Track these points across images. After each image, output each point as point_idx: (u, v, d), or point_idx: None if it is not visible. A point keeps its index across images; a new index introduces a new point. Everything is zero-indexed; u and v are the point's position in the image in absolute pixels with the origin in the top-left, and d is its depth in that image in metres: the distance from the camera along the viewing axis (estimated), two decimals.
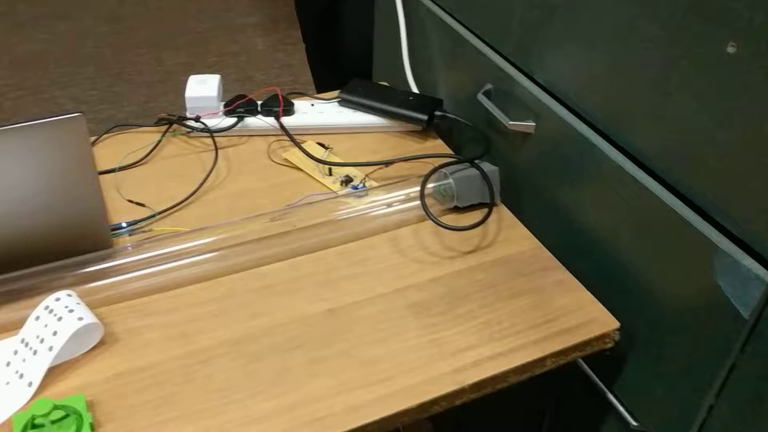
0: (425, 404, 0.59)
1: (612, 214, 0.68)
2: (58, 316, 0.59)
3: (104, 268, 0.66)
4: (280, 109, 0.87)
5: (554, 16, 0.70)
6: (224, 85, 0.91)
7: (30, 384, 0.57)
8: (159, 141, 0.86)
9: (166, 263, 0.68)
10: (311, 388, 0.59)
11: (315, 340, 0.63)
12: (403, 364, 0.61)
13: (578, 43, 0.68)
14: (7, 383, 0.58)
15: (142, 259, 0.68)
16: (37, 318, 0.60)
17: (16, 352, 0.59)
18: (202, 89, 0.86)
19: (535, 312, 0.67)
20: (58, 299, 0.60)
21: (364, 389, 0.59)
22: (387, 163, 0.81)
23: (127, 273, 0.67)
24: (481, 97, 0.82)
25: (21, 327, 0.61)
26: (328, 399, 0.58)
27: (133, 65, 2.48)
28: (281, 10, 2.88)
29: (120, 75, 2.43)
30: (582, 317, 0.67)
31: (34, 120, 0.57)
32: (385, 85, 0.94)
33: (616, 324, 0.66)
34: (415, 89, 0.97)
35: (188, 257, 0.69)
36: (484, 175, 0.77)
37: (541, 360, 0.63)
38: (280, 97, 0.87)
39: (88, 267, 0.66)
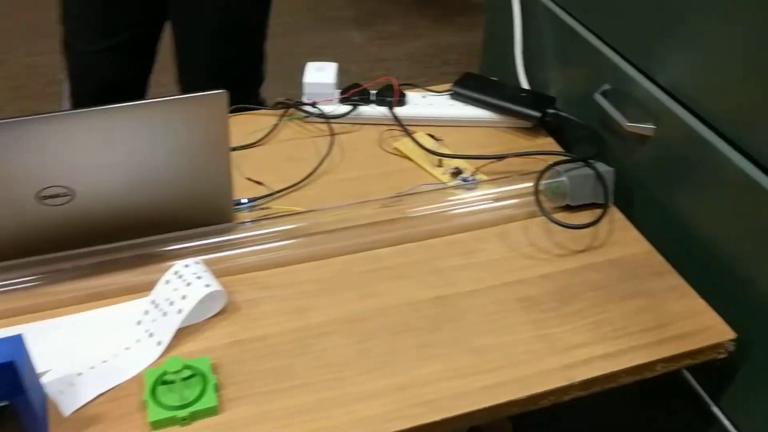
0: (534, 397, 0.59)
1: (735, 222, 0.66)
2: (187, 282, 0.62)
3: (227, 240, 0.69)
4: (394, 99, 0.88)
5: (681, 13, 0.69)
6: None
7: (159, 343, 0.61)
8: (276, 124, 0.89)
9: (283, 240, 0.71)
10: (421, 371, 0.60)
11: (425, 325, 0.64)
12: (512, 356, 0.62)
13: (707, 42, 0.67)
14: (138, 341, 0.62)
15: (262, 234, 0.71)
16: (167, 282, 0.63)
17: (146, 312, 0.63)
18: (320, 76, 0.89)
19: (647, 316, 0.66)
20: (187, 266, 0.64)
21: (473, 377, 0.60)
22: (499, 158, 0.82)
23: (247, 246, 0.70)
24: (598, 96, 0.81)
25: (149, 290, 0.65)
26: (438, 383, 0.59)
27: None
28: (375, 5, 2.92)
29: None
30: (696, 325, 0.65)
31: (179, 95, 0.60)
32: (497, 81, 0.94)
33: (731, 334, 0.64)
34: (525, 86, 0.96)
35: (304, 236, 0.72)
36: (599, 175, 0.76)
37: (652, 364, 0.63)
38: (396, 87, 0.89)
39: (212, 238, 0.69)
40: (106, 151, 0.61)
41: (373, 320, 0.65)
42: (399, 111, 0.89)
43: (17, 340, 0.51)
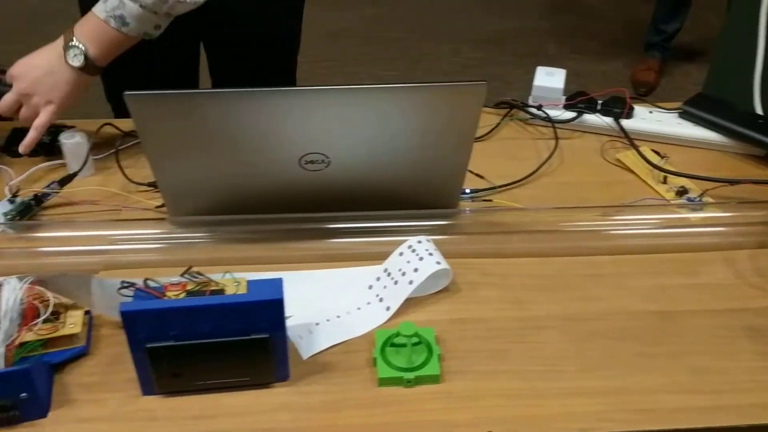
0: (755, 427, 0.58)
1: None
2: (420, 256, 0.67)
3: (453, 225, 0.73)
4: (624, 110, 0.88)
5: None
6: (514, 83, 0.94)
7: (388, 308, 0.66)
8: (499, 123, 0.92)
9: (504, 233, 0.74)
10: (638, 380, 0.60)
11: (644, 335, 0.64)
12: (734, 382, 0.60)
13: None
14: (368, 303, 0.67)
15: (485, 223, 0.74)
16: (401, 254, 0.68)
17: (378, 279, 0.68)
18: (550, 80, 0.91)
19: None
20: (420, 242, 0.68)
21: (691, 395, 0.59)
22: (732, 182, 0.79)
23: (471, 233, 0.73)
24: None
25: (376, 259, 0.69)
26: (655, 394, 0.59)
27: (432, 54, 2.64)
28: (578, 20, 2.88)
29: (419, 61, 2.60)
30: None
31: (443, 81, 0.64)
32: (731, 104, 0.91)
33: None
34: (759, 111, 0.92)
35: (524, 232, 0.74)
36: None
37: None
38: (628, 98, 0.89)
39: (439, 220, 0.73)
40: (364, 125, 0.67)
41: (591, 323, 0.65)
42: (625, 123, 0.89)
43: (280, 283, 0.57)
